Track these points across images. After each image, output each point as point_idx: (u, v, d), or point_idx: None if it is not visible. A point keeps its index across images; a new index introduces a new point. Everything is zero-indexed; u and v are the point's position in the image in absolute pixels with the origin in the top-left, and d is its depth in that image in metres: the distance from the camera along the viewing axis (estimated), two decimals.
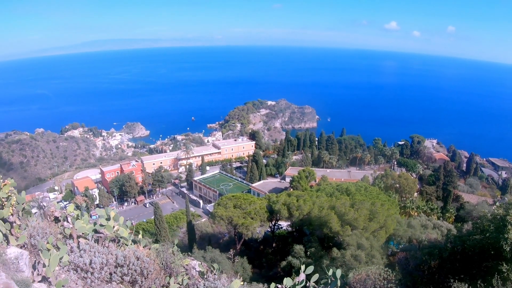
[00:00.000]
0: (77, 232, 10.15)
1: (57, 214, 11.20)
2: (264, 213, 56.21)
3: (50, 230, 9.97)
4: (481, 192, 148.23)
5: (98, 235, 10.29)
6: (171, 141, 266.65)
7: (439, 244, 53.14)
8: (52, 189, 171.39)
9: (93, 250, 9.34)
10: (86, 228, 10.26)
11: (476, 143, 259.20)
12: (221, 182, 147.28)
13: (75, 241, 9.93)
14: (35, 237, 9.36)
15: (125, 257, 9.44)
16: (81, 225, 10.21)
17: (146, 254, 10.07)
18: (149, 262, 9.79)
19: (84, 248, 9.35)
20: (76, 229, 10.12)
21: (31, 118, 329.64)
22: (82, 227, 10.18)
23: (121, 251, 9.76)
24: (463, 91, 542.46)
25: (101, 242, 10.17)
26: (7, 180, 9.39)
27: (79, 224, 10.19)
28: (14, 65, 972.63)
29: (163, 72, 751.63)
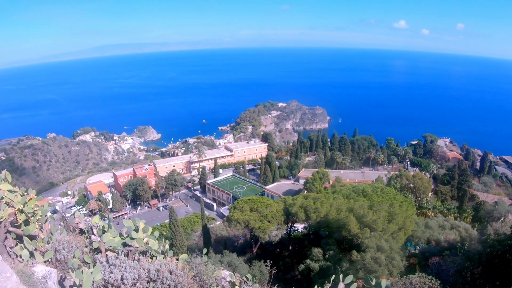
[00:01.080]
0: (105, 245, 9.52)
1: (82, 226, 10.62)
2: (280, 216, 55.50)
3: (76, 243, 9.39)
4: (496, 191, 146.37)
5: (128, 248, 9.65)
6: (182, 144, 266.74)
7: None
8: (64, 194, 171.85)
9: (123, 265, 8.70)
10: (114, 241, 9.62)
11: (488, 141, 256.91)
12: (235, 185, 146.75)
13: (103, 255, 9.29)
14: (60, 251, 8.77)
15: (157, 271, 8.82)
16: (110, 239, 9.57)
17: (179, 267, 9.46)
18: (183, 275, 9.17)
19: (114, 262, 8.71)
20: (105, 242, 9.48)
21: (43, 123, 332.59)
22: (110, 241, 9.55)
23: (153, 264, 9.12)
24: (474, 89, 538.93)
25: (131, 256, 9.54)
26: (32, 194, 8.73)
27: (107, 237, 9.55)
28: (25, 71, 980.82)
29: (173, 75, 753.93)
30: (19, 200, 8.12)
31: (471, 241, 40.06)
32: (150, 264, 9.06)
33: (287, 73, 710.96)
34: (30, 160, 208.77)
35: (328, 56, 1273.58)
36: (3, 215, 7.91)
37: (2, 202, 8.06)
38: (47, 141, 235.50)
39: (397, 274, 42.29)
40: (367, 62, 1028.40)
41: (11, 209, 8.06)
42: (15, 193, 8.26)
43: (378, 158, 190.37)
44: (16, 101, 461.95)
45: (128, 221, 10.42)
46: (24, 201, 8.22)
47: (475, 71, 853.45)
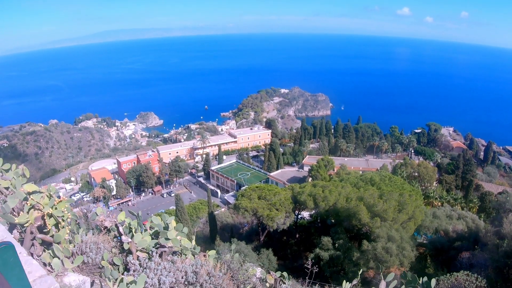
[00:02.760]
0: (136, 246, 8.74)
1: (107, 223, 9.84)
2: (289, 204, 54.92)
3: (103, 244, 8.64)
4: (499, 181, 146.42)
5: (162, 249, 8.87)
6: (185, 130, 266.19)
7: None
8: (67, 180, 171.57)
9: (159, 267, 7.96)
10: (147, 241, 8.84)
11: (492, 131, 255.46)
12: (239, 172, 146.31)
13: (135, 256, 8.51)
14: (87, 254, 7.99)
15: (195, 273, 8.11)
16: (142, 239, 8.79)
17: (216, 268, 8.75)
18: (222, 277, 8.47)
19: (148, 266, 7.96)
20: (136, 243, 8.69)
21: (45, 110, 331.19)
22: (142, 241, 8.76)
23: (189, 266, 8.39)
24: (478, 78, 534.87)
25: (165, 257, 8.77)
26: (63, 196, 7.91)
27: (139, 237, 8.76)
28: (27, 57, 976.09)
29: (176, 61, 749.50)
30: (46, 203, 7.19)
31: (486, 233, 39.23)
32: (186, 266, 8.35)
33: (290, 59, 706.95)
34: (33, 147, 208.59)
35: (331, 42, 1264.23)
36: (29, 220, 7.09)
37: (27, 205, 7.24)
38: (49, 128, 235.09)
39: (408, 264, 42.01)
40: (371, 49, 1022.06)
41: (38, 213, 7.23)
42: (41, 195, 7.38)
43: (382, 146, 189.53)
44: (18, 87, 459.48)
45: (156, 218, 9.63)
46: (53, 204, 7.35)
47: (478, 60, 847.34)
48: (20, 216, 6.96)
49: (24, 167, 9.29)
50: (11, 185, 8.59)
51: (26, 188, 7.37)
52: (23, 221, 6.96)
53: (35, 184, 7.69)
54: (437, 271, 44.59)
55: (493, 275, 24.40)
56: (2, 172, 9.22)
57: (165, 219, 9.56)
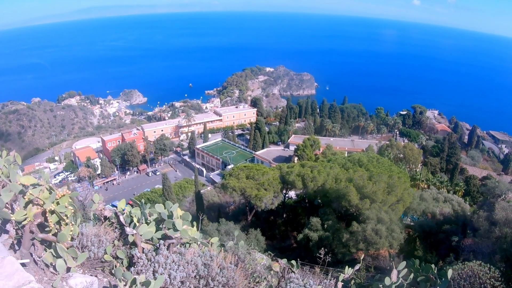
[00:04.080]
0: (141, 238, 8.03)
1: (107, 213, 9.13)
2: (277, 184, 54.64)
3: (105, 236, 7.94)
4: (483, 165, 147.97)
5: (170, 241, 8.19)
6: (169, 108, 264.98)
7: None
8: (51, 159, 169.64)
9: (168, 261, 7.32)
10: (153, 233, 8.13)
11: (475, 115, 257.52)
12: (224, 150, 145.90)
13: (140, 249, 7.80)
14: (89, 248, 7.28)
15: (207, 266, 7.51)
16: (147, 230, 8.07)
17: (226, 259, 8.17)
18: (234, 270, 7.88)
19: (157, 260, 7.30)
20: (141, 235, 7.97)
21: (27, 88, 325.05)
22: (148, 233, 8.04)
23: (199, 258, 7.77)
24: (463, 62, 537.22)
25: (172, 249, 8.09)
26: (65, 189, 7.06)
27: (144, 228, 8.02)
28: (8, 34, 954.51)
29: (160, 38, 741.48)
30: (46, 197, 6.33)
31: (478, 218, 39.22)
32: (196, 258, 7.72)
33: (276, 39, 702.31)
34: (15, 126, 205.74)
35: (317, 22, 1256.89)
36: (28, 217, 6.28)
37: (25, 199, 6.43)
38: (32, 106, 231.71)
39: (397, 246, 42.09)
40: (357, 30, 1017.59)
41: (37, 208, 6.41)
42: (40, 188, 6.53)
43: (367, 127, 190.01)
44: (0, 65, 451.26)
45: (160, 206, 8.87)
46: (55, 199, 6.53)
47: (464, 45, 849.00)
48: (16, 212, 6.10)
49: (16, 153, 8.46)
50: (2, 174, 7.82)
51: (22, 180, 6.47)
52: (21, 218, 6.16)
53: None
54: (426, 254, 44.82)
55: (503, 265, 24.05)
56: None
57: (169, 207, 8.83)
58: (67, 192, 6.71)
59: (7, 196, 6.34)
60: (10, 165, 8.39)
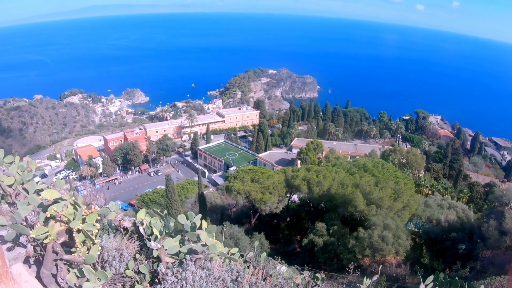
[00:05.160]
0: (166, 252, 7.37)
1: (126, 223, 8.51)
2: (282, 188, 54.47)
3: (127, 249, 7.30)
4: (485, 172, 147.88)
5: (197, 256, 7.56)
6: (171, 108, 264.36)
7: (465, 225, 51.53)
8: (52, 157, 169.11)
9: (195, 277, 6.71)
10: (178, 247, 7.47)
11: (477, 121, 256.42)
12: (227, 152, 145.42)
13: (164, 264, 7.16)
14: (110, 262, 6.64)
15: (236, 282, 6.92)
16: (173, 245, 7.39)
17: (254, 273, 7.57)
18: (264, 286, 7.28)
19: (184, 276, 6.69)
20: (166, 249, 7.30)
21: (30, 85, 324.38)
22: (174, 247, 7.37)
23: (227, 274, 7.16)
24: (465, 68, 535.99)
25: (198, 264, 7.47)
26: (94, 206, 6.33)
27: (170, 242, 7.35)
28: (12, 31, 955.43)
29: (163, 38, 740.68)
30: (70, 213, 5.68)
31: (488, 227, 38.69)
32: (224, 274, 7.13)
33: (279, 40, 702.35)
34: (17, 122, 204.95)
35: (320, 25, 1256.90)
36: (50, 235, 5.56)
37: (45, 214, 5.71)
38: (34, 103, 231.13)
39: (403, 253, 41.78)
40: (359, 33, 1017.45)
41: (60, 225, 5.67)
42: (63, 203, 5.78)
43: (370, 131, 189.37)
44: (3, 61, 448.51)
45: (182, 216, 8.20)
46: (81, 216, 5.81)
47: (467, 50, 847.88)
48: (36, 229, 5.43)
49: (30, 159, 7.81)
50: (16, 182, 7.22)
51: (45, 195, 5.70)
52: (42, 236, 5.47)
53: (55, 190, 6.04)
54: (433, 261, 44.33)
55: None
56: (4, 165, 7.80)
57: (193, 218, 8.18)
58: (96, 209, 6.06)
59: (24, 210, 5.71)
60: (24, 171, 7.79)
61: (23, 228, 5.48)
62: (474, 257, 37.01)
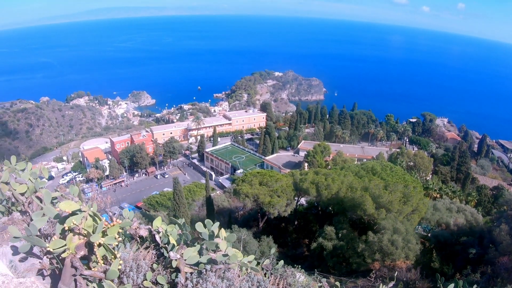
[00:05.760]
0: (185, 262, 7.04)
1: (143, 232, 8.18)
2: (291, 191, 54.17)
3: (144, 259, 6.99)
4: (492, 175, 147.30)
5: (217, 266, 7.24)
6: (177, 110, 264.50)
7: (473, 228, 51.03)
8: (59, 159, 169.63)
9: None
10: (198, 258, 7.14)
11: (484, 124, 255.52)
12: (233, 154, 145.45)
13: (183, 274, 6.84)
14: (127, 273, 6.32)
15: None
16: (193, 255, 7.06)
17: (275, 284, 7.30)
18: None
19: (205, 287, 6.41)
20: (186, 259, 6.97)
21: (36, 87, 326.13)
22: (193, 257, 7.04)
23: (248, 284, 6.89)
24: (472, 70, 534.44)
25: (218, 274, 7.15)
26: (116, 219, 5.98)
27: (189, 252, 7.03)
28: (19, 33, 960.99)
29: (169, 40, 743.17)
30: (89, 225, 5.18)
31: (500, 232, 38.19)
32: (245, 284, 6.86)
33: (284, 43, 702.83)
34: (23, 124, 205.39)
35: (326, 27, 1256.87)
36: (69, 248, 5.21)
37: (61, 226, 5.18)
38: (41, 105, 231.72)
39: (413, 257, 41.40)
40: (365, 35, 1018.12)
41: (79, 239, 5.29)
42: (82, 215, 5.24)
43: (377, 134, 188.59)
44: (10, 64, 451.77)
45: (199, 224, 7.85)
46: (102, 229, 5.34)
47: (473, 52, 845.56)
48: (53, 242, 5.04)
49: (42, 166, 7.49)
50: (28, 190, 6.95)
51: (63, 207, 5.30)
52: (59, 250, 5.17)
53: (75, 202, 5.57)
54: (443, 266, 43.89)
55: None
56: (16, 172, 7.51)
57: (210, 226, 7.84)
58: (117, 221, 5.74)
59: (40, 221, 5.45)
60: (37, 179, 7.52)
61: (39, 240, 5.21)
62: (485, 261, 36.53)
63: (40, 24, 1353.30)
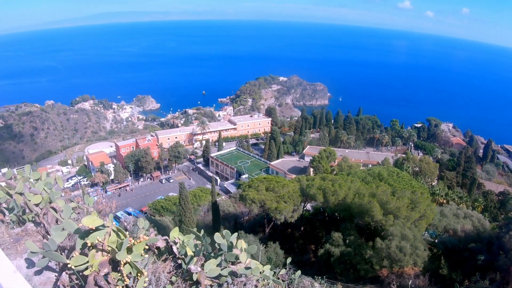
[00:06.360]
0: (205, 275, 6.76)
1: (160, 244, 7.90)
2: (297, 197, 53.89)
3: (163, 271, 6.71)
4: (498, 180, 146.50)
5: (240, 279, 6.96)
6: (182, 114, 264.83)
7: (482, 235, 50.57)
8: (64, 162, 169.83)
9: None
10: (219, 271, 6.85)
11: (490, 129, 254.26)
12: (239, 159, 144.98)
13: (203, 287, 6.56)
14: None
15: None
16: (214, 268, 6.78)
17: None
18: None
19: None
20: (206, 272, 6.70)
21: (41, 90, 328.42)
22: (214, 270, 6.76)
23: None
24: (476, 75, 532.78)
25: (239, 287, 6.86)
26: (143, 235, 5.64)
27: (210, 265, 6.75)
28: (24, 37, 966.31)
29: (174, 45, 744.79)
30: (113, 241, 4.85)
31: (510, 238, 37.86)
32: None
33: (289, 48, 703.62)
34: (28, 127, 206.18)
35: (330, 32, 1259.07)
36: (92, 266, 4.78)
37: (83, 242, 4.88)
38: (46, 108, 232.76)
39: (421, 264, 41.07)
40: (370, 40, 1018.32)
41: (103, 255, 4.95)
42: (105, 230, 4.90)
43: (382, 139, 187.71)
44: (15, 67, 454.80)
45: (218, 235, 7.56)
46: (127, 245, 4.93)
47: (478, 57, 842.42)
48: (74, 258, 4.69)
49: (57, 175, 7.26)
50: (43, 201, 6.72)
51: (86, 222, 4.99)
52: (81, 267, 4.79)
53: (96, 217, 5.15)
54: (451, 273, 43.52)
55: None
56: (30, 183, 7.26)
57: (229, 237, 7.54)
58: (144, 238, 5.44)
59: (59, 236, 5.17)
60: (52, 189, 7.29)
61: (58, 256, 4.95)
62: (494, 268, 36.15)
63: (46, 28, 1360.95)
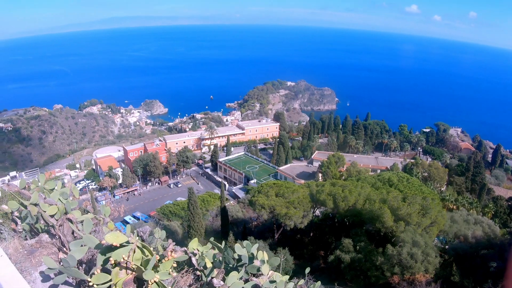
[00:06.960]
0: None
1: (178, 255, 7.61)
2: (307, 203, 53.70)
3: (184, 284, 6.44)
4: (507, 185, 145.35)
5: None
6: (190, 119, 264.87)
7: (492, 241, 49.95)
8: (72, 166, 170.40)
9: None
10: (243, 284, 6.54)
11: (497, 133, 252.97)
12: (247, 164, 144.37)
13: None
14: None
15: None
16: (236, 282, 6.49)
17: None
18: None
19: None
20: (229, 286, 6.40)
21: (50, 94, 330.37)
22: (238, 283, 6.47)
23: None
24: (484, 79, 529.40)
25: None
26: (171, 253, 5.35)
27: (233, 279, 6.47)
28: (33, 41, 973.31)
29: (182, 50, 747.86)
30: (138, 258, 4.59)
31: None
32: None
33: (296, 52, 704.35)
34: (36, 131, 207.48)
35: (338, 37, 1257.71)
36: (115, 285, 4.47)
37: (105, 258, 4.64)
38: (54, 112, 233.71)
39: (433, 271, 40.70)
40: (377, 45, 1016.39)
41: (127, 273, 4.64)
42: (130, 247, 4.63)
43: (391, 144, 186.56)
44: (24, 71, 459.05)
45: (238, 246, 7.24)
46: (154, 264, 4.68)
47: (486, 61, 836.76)
48: (96, 276, 4.44)
49: (73, 184, 7.01)
50: (59, 212, 6.47)
51: (109, 239, 4.52)
52: (104, 286, 4.46)
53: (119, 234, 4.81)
54: (463, 280, 42.94)
55: None
56: (45, 193, 7.01)
57: (250, 248, 7.22)
58: (172, 255, 5.14)
59: (79, 251, 4.90)
60: (67, 199, 7.06)
61: (78, 272, 4.72)
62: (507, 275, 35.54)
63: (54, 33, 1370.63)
